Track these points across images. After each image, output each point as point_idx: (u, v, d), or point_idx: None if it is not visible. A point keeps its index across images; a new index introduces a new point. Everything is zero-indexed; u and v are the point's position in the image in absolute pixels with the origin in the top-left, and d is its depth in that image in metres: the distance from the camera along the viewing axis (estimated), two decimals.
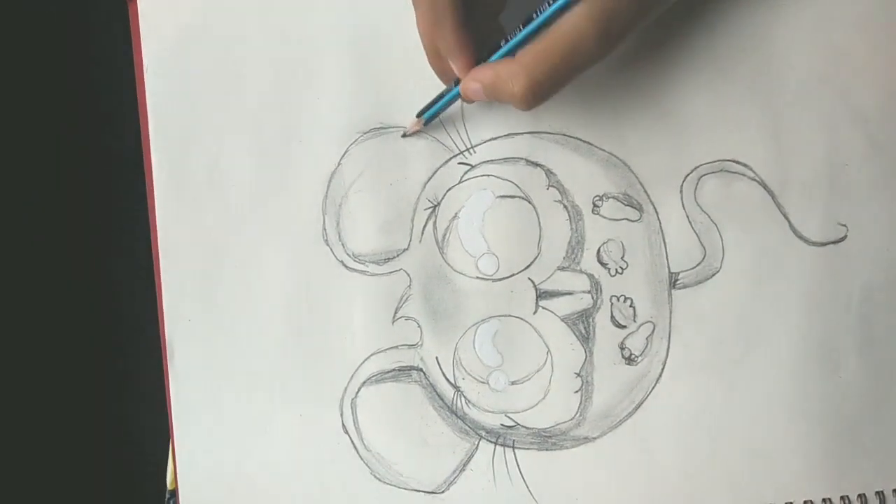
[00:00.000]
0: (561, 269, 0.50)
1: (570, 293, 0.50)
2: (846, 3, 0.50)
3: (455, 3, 0.43)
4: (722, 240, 0.50)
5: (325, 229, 0.50)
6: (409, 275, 0.50)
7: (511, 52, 0.44)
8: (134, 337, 0.57)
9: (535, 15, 0.43)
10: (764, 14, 0.50)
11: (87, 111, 0.57)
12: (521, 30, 0.43)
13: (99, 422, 0.58)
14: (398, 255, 0.50)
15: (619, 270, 0.49)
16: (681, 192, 0.49)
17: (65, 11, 0.57)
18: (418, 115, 0.49)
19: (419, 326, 0.50)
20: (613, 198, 0.50)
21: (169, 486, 0.51)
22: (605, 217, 0.50)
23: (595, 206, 0.50)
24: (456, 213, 0.50)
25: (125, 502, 0.58)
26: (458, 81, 0.46)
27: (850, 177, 0.50)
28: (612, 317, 0.50)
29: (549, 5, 0.42)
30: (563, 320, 0.49)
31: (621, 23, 0.41)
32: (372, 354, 0.50)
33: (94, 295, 0.57)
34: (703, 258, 0.50)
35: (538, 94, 0.42)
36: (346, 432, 0.50)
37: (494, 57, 0.44)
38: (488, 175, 0.50)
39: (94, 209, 0.57)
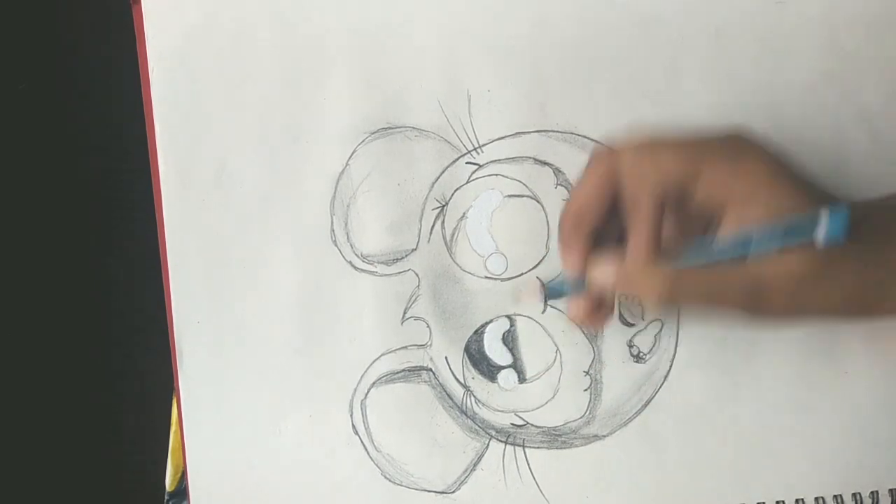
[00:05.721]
0: None
1: None
2: (851, 3, 0.50)
3: (599, 211, 0.42)
4: None
5: (333, 230, 0.50)
6: (417, 275, 0.50)
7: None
8: (136, 338, 0.57)
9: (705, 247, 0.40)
10: (769, 14, 0.51)
11: (92, 114, 0.57)
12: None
13: (100, 422, 0.57)
14: (407, 256, 0.50)
15: None
16: None
17: (68, 12, 0.57)
18: (544, 289, 0.46)
19: (428, 326, 0.50)
20: None
21: (168, 487, 0.51)
22: None
23: None
24: (464, 213, 0.50)
25: (125, 502, 0.58)
26: None
27: (854, 174, 0.50)
28: (621, 315, 0.50)
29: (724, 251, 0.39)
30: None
31: (770, 304, 0.39)
32: (381, 355, 0.50)
33: (101, 297, 0.57)
34: None
35: (671, 298, 0.39)
36: (357, 433, 0.50)
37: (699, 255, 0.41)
38: (496, 174, 0.50)
39: (101, 212, 0.57)
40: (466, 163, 0.50)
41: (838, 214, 0.36)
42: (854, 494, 0.49)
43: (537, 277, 0.47)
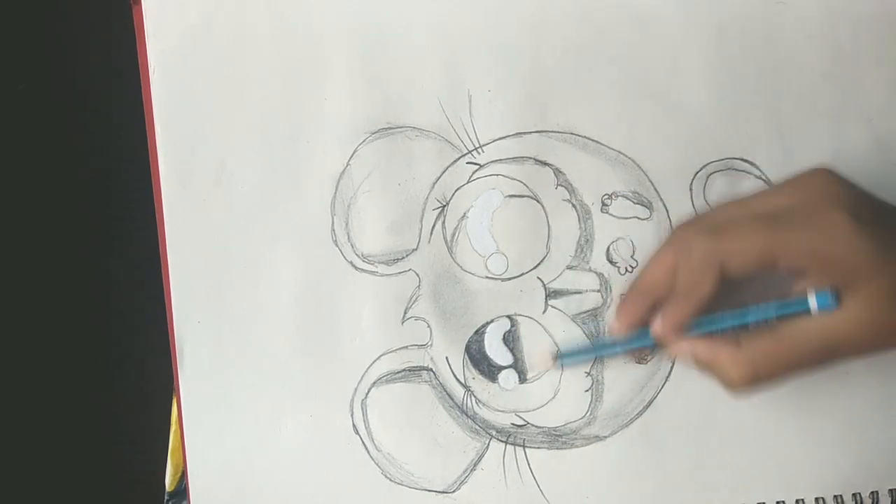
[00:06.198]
0: (570, 268, 0.50)
1: (579, 292, 0.50)
2: (851, 3, 0.51)
3: (664, 290, 0.43)
4: None
5: (333, 230, 0.50)
6: (418, 275, 0.50)
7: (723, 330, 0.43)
8: (136, 338, 0.57)
9: (770, 313, 0.42)
10: (770, 14, 0.51)
11: (92, 114, 0.57)
12: (749, 315, 0.42)
13: (100, 422, 0.57)
14: (407, 256, 0.50)
15: (629, 269, 0.50)
16: (690, 189, 0.50)
17: (68, 12, 0.57)
18: (555, 357, 0.47)
19: (429, 326, 0.50)
20: (623, 196, 0.50)
21: (168, 486, 0.51)
22: (614, 216, 0.50)
23: (604, 204, 0.50)
24: (465, 213, 0.50)
25: (125, 502, 0.58)
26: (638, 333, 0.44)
27: (853, 174, 0.50)
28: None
29: (789, 306, 0.41)
30: (572, 319, 0.50)
31: (848, 351, 0.41)
32: (382, 355, 0.50)
33: (101, 297, 0.57)
34: None
35: (753, 388, 0.41)
36: (357, 433, 0.50)
37: (703, 323, 0.43)
38: (497, 174, 0.50)
39: (102, 211, 0.57)
40: (467, 163, 0.50)
41: (823, 295, 0.40)
42: (854, 494, 0.49)
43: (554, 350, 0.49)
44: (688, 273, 0.41)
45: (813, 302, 0.40)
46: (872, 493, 0.49)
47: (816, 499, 0.49)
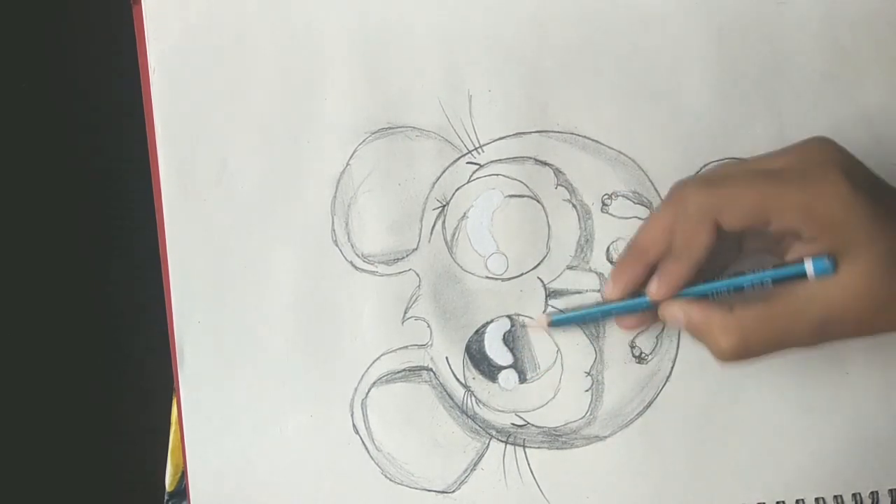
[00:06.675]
0: (570, 268, 0.50)
1: (579, 292, 0.50)
2: (851, 3, 0.50)
3: (661, 249, 0.43)
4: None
5: (334, 230, 0.50)
6: (418, 275, 0.50)
7: (719, 294, 0.43)
8: (136, 338, 0.57)
9: (765, 278, 0.42)
10: (770, 14, 0.51)
11: (92, 114, 0.57)
12: (744, 278, 0.43)
13: (100, 422, 0.58)
14: (407, 256, 0.50)
15: None
16: None
17: (68, 12, 0.57)
18: (551, 321, 0.48)
19: (429, 326, 0.50)
20: (623, 196, 0.50)
21: (168, 486, 0.51)
22: (614, 215, 0.50)
23: (604, 204, 0.50)
24: (465, 213, 0.50)
25: (125, 502, 0.58)
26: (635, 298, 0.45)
27: None
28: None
29: (783, 271, 0.42)
30: None
31: (842, 323, 0.40)
32: (382, 355, 0.50)
33: (101, 297, 0.57)
34: None
35: (742, 357, 0.41)
36: (357, 433, 0.50)
37: (698, 289, 0.43)
38: (497, 174, 0.50)
39: (102, 212, 0.57)
40: (467, 163, 0.50)
41: (820, 260, 0.40)
42: (854, 495, 0.49)
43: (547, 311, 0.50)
44: (684, 228, 0.41)
45: (809, 266, 0.40)
46: (872, 493, 0.49)
47: (816, 499, 0.49)
